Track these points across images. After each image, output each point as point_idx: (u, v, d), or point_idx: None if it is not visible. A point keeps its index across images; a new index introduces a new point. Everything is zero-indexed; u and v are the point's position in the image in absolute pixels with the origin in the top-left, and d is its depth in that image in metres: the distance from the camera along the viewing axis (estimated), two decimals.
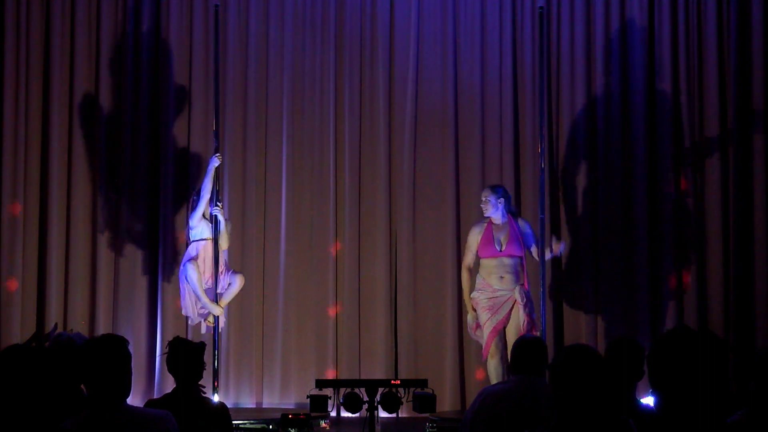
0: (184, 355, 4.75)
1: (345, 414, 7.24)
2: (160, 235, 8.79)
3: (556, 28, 9.06)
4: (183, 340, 4.98)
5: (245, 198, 8.98)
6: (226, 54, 8.88)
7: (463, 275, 7.87)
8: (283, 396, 8.80)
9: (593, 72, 9.04)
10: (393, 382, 6.44)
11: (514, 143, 9.04)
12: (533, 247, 7.81)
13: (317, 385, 6.48)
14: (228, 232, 7.94)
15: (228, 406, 5.07)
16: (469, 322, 7.81)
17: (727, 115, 8.89)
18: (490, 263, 7.70)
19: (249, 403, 8.80)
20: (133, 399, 4.65)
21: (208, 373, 5.74)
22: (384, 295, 8.91)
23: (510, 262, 7.68)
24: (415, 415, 7.37)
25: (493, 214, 7.77)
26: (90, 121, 8.89)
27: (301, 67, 9.10)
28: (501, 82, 9.09)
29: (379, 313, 8.89)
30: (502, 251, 7.67)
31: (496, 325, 7.60)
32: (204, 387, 4.88)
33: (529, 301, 7.63)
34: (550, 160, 8.83)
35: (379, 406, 6.28)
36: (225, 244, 7.90)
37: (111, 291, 8.79)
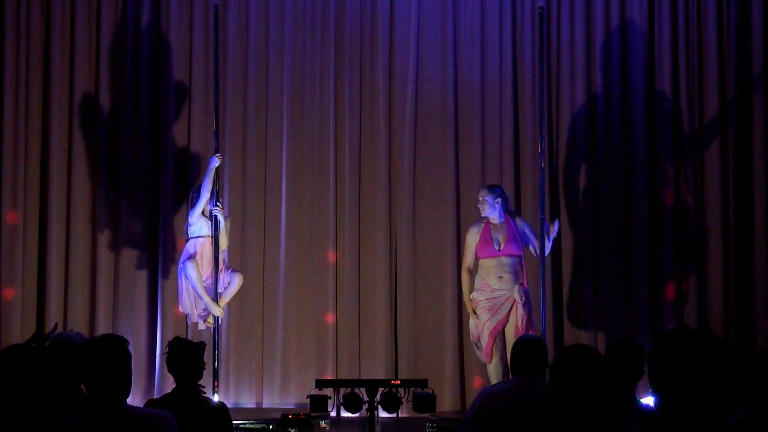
0: (184, 355, 4.75)
1: (345, 414, 7.24)
2: (160, 234, 8.78)
3: (556, 28, 9.06)
4: (183, 340, 4.98)
5: (245, 198, 8.97)
6: (226, 54, 8.88)
7: (463, 276, 7.86)
8: (283, 396, 8.79)
9: (593, 72, 9.04)
10: (393, 382, 6.43)
11: (514, 143, 9.04)
12: (530, 246, 7.81)
13: (317, 385, 6.47)
14: (228, 230, 7.93)
15: (228, 406, 5.07)
16: (472, 331, 7.77)
17: (728, 115, 8.89)
18: (488, 263, 7.69)
19: (249, 403, 8.80)
20: (133, 399, 4.65)
21: (208, 373, 5.74)
22: (384, 295, 8.91)
23: (509, 262, 7.67)
24: (415, 415, 7.37)
25: (490, 214, 7.76)
26: (90, 121, 8.89)
27: (301, 67, 9.10)
28: (501, 82, 9.09)
29: (379, 313, 8.88)
30: (500, 251, 7.67)
31: (496, 326, 7.59)
32: (204, 387, 4.88)
33: (528, 300, 7.63)
34: (550, 160, 8.83)
35: (379, 406, 6.27)
36: (224, 243, 7.90)
37: (111, 291, 8.78)
